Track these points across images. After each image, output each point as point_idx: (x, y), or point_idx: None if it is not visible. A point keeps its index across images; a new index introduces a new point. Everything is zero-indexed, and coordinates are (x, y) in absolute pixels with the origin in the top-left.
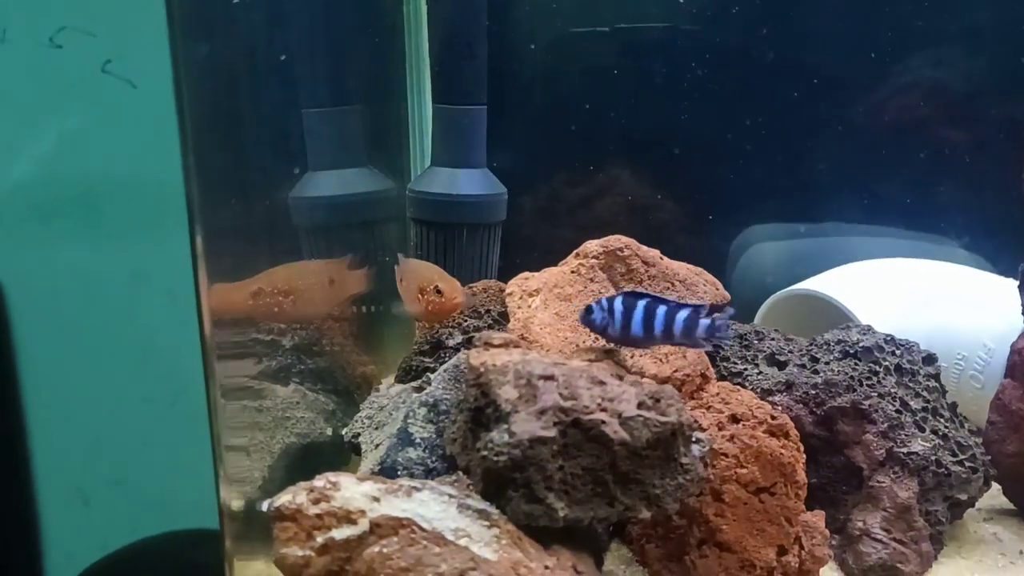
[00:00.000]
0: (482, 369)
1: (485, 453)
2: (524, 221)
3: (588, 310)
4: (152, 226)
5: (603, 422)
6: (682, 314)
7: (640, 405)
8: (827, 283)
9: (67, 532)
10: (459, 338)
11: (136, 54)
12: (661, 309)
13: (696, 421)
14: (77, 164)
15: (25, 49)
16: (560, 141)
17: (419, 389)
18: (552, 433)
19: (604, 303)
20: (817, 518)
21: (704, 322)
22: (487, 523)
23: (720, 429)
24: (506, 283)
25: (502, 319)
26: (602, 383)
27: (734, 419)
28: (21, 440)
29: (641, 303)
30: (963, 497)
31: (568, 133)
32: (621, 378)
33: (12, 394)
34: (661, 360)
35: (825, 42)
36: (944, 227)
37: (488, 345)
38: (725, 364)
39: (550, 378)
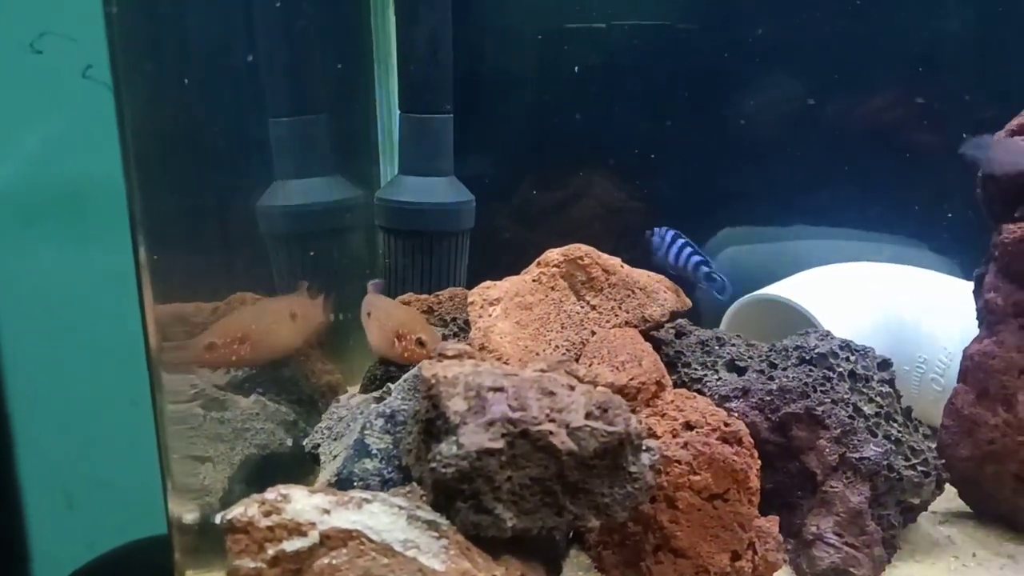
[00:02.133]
0: (433, 381)
1: (434, 465)
2: (493, 227)
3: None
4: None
5: (551, 432)
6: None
7: (588, 415)
8: (791, 288)
9: (53, 534)
10: None
11: None
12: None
13: (649, 428)
14: (60, 167)
15: (6, 54)
16: (529, 146)
17: (380, 399)
18: (499, 444)
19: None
20: (771, 523)
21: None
22: (436, 534)
23: (674, 436)
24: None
25: (467, 327)
26: (552, 393)
27: (688, 426)
28: (6, 442)
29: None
30: (916, 501)
31: (537, 138)
32: (573, 388)
33: None
34: (618, 368)
35: (797, 46)
36: (913, 230)
37: (442, 356)
38: (686, 370)
39: (499, 390)
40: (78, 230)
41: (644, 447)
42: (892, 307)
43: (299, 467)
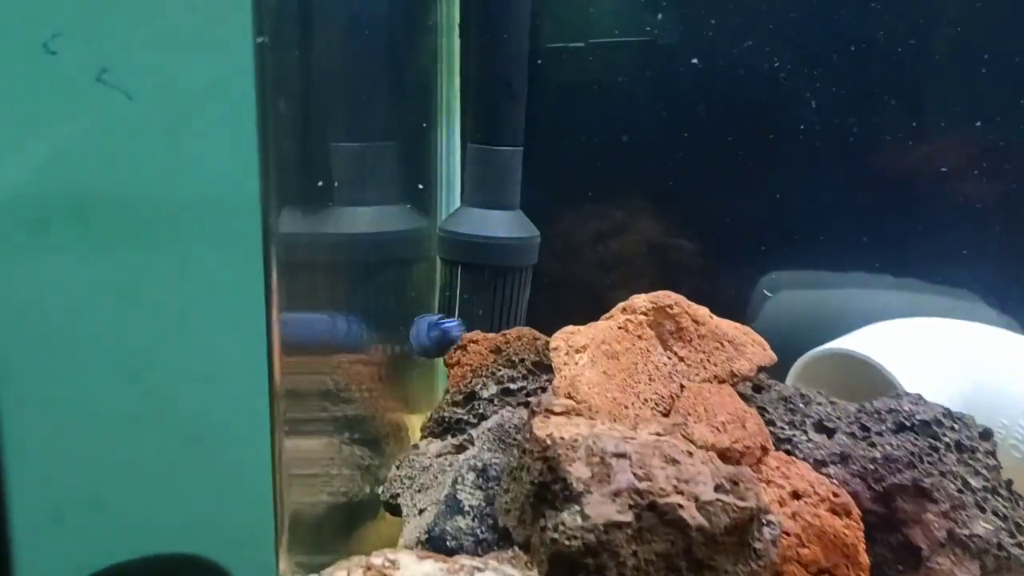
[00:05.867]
0: (549, 442)
1: (555, 536)
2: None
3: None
4: (141, 241)
5: (680, 506)
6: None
7: (717, 488)
8: (864, 343)
9: (41, 553)
10: (493, 389)
11: (132, 64)
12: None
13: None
14: (68, 176)
15: (18, 56)
16: (577, 178)
17: (460, 448)
18: (628, 517)
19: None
20: None
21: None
22: None
23: (781, 506)
24: (533, 328)
25: (536, 369)
26: (676, 461)
27: (795, 495)
28: None
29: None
30: None
31: (585, 170)
32: (691, 454)
33: None
34: (718, 429)
35: (867, 77)
36: (974, 284)
37: (550, 413)
38: (771, 429)
39: (623, 456)
40: (83, 241)
41: (765, 521)
42: (969, 367)
43: (367, 511)
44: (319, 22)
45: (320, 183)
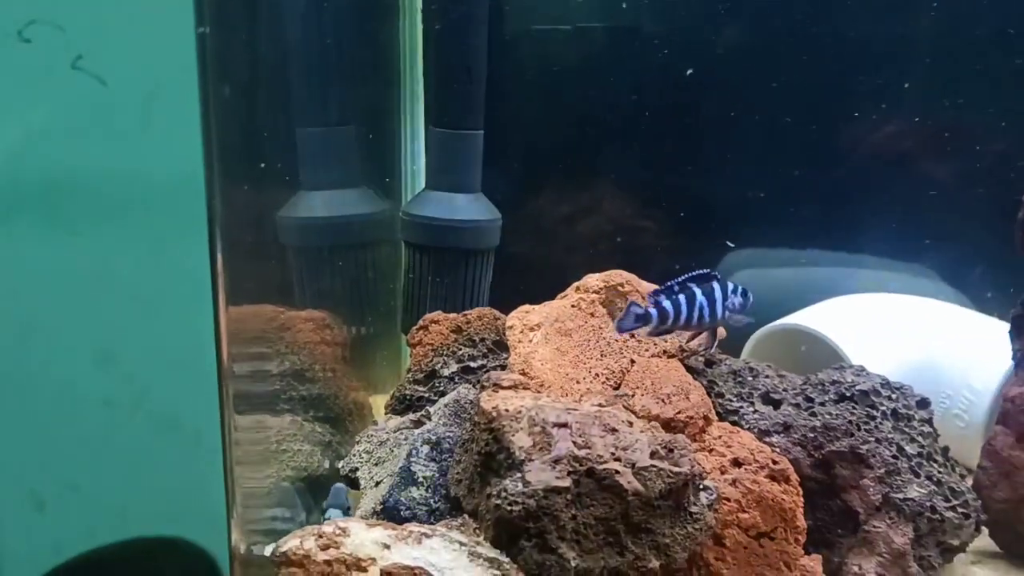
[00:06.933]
0: (494, 414)
1: (498, 502)
2: (507, 241)
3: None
4: (115, 225)
5: (617, 472)
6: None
7: (653, 455)
8: (815, 318)
9: (21, 537)
10: (454, 367)
11: (107, 50)
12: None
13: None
14: (41, 161)
15: None
16: (543, 160)
17: (418, 423)
18: (566, 483)
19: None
20: (814, 562)
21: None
22: (498, 572)
23: (722, 473)
24: (494, 308)
25: (497, 348)
26: (614, 430)
27: (736, 463)
28: None
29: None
30: (955, 543)
31: (551, 153)
32: (631, 424)
33: None
34: (663, 400)
35: (820, 66)
36: (930, 261)
37: (497, 387)
38: (720, 401)
39: (564, 425)
40: (56, 226)
41: (702, 486)
42: (916, 340)
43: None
44: (276, 7)
45: (277, 167)
